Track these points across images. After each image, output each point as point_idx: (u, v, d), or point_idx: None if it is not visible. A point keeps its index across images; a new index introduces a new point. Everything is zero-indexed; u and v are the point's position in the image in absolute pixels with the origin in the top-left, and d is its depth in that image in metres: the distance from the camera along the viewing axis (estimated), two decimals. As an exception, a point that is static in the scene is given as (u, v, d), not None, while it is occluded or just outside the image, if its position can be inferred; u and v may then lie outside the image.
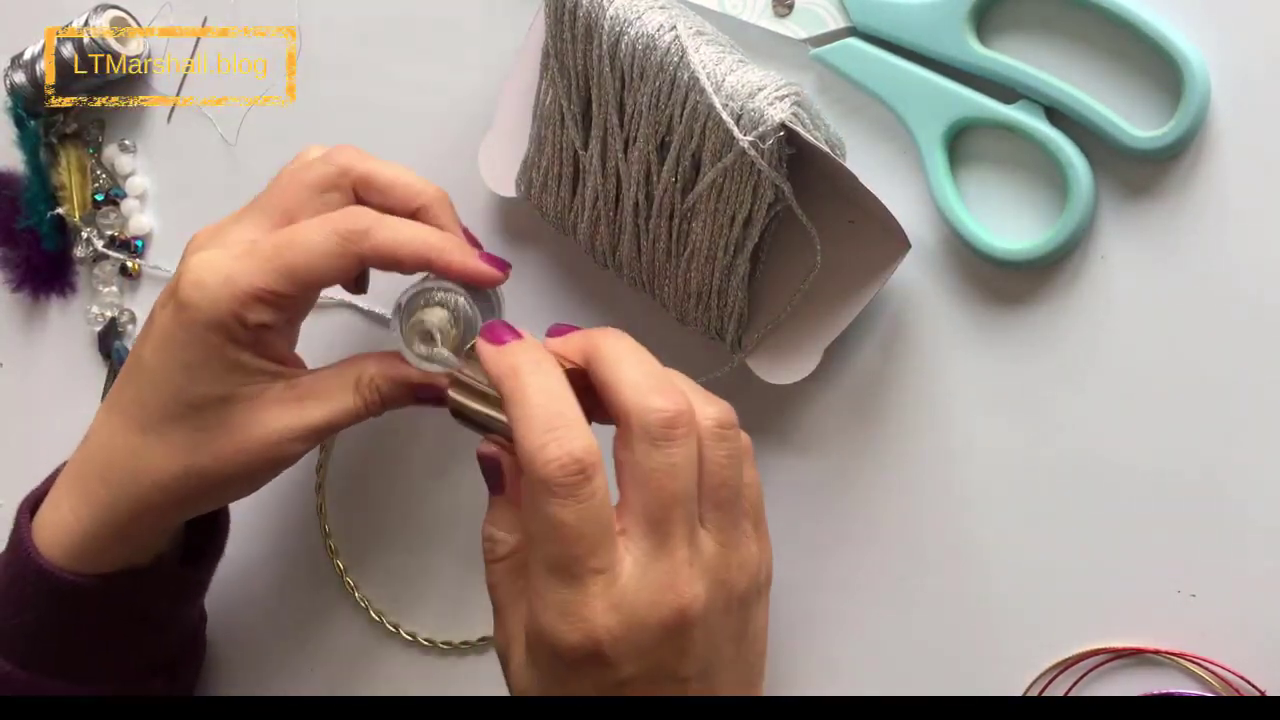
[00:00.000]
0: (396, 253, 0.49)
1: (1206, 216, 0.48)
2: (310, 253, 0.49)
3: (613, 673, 0.42)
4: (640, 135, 0.49)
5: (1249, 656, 0.48)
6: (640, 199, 0.51)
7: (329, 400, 0.51)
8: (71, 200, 0.65)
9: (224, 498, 0.54)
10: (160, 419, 0.50)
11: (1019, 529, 0.51)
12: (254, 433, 0.50)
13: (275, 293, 0.48)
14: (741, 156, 0.47)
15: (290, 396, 0.50)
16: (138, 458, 0.50)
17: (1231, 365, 0.48)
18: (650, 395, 0.43)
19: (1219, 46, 0.47)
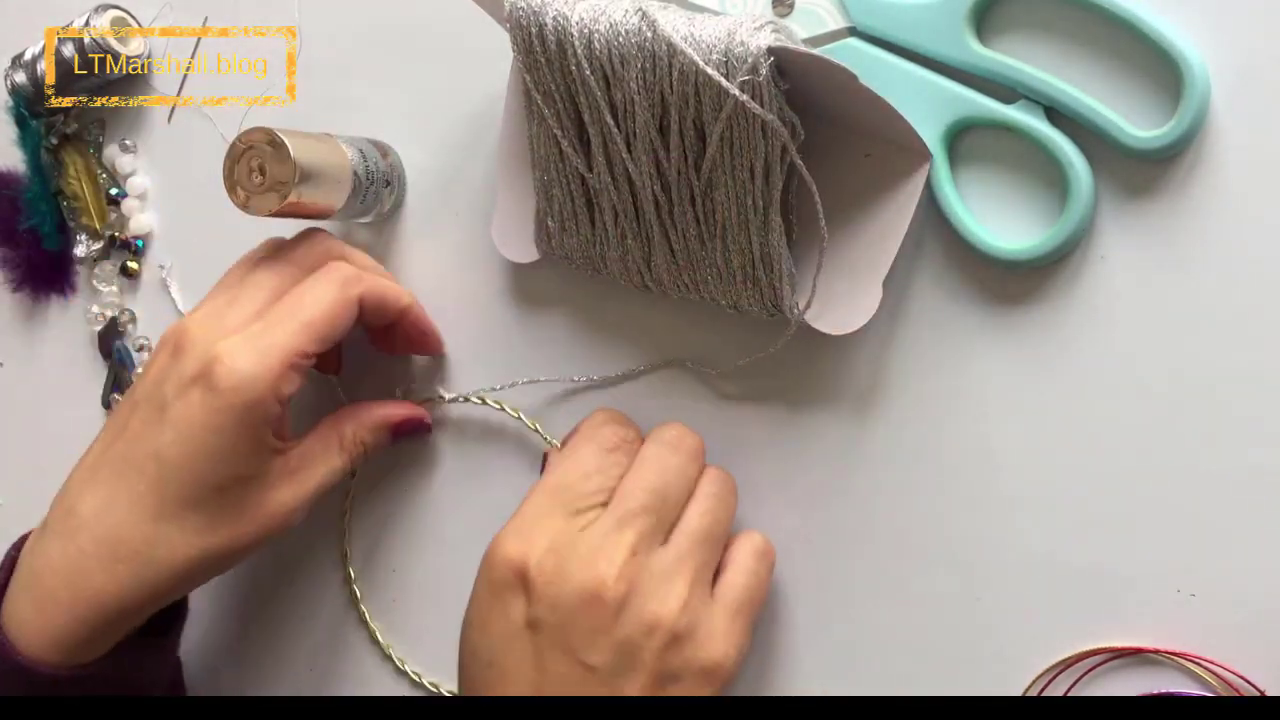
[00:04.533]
0: (384, 295, 0.54)
1: (1206, 216, 0.48)
2: (322, 305, 0.51)
3: (528, 605, 0.46)
4: (639, 125, 0.49)
5: (1249, 656, 0.48)
6: (657, 192, 0.50)
7: (320, 465, 0.53)
8: (89, 211, 0.66)
9: (225, 570, 0.53)
10: (179, 506, 0.49)
11: (1018, 528, 0.51)
12: (266, 509, 0.51)
13: (307, 354, 0.50)
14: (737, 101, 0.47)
15: (290, 469, 0.52)
16: (152, 546, 0.49)
17: (1232, 365, 0.48)
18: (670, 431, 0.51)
19: (1219, 46, 0.47)
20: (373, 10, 0.60)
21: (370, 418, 0.56)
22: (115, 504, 0.50)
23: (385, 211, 0.60)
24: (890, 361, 0.53)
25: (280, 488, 0.52)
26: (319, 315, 0.51)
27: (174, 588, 0.51)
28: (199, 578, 0.51)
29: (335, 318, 0.51)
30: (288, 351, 0.49)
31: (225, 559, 0.51)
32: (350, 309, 0.52)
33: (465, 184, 0.59)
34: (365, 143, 0.58)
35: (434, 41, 0.59)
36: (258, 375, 0.49)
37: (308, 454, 0.53)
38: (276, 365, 0.49)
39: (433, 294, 0.60)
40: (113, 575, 0.49)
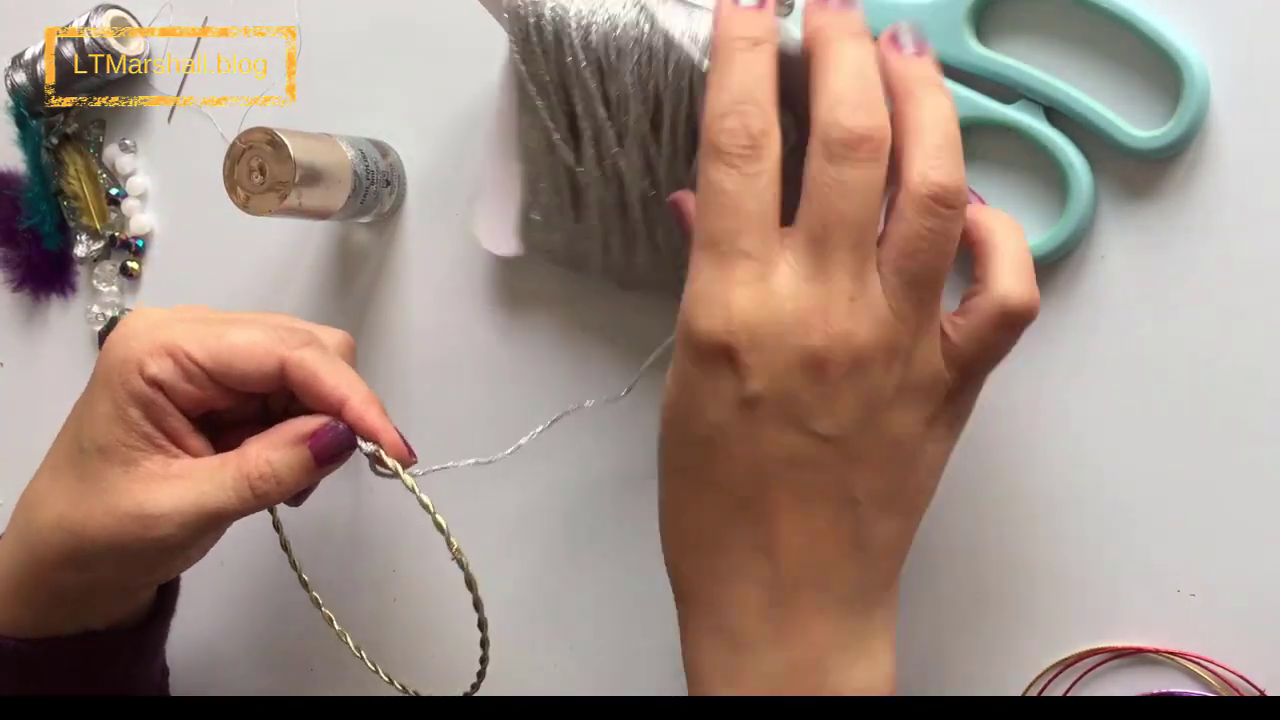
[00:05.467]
0: (319, 376, 0.48)
1: (1206, 216, 0.48)
2: (245, 337, 0.48)
3: (741, 381, 0.40)
4: (631, 119, 0.49)
5: (1249, 656, 0.48)
6: (645, 188, 0.50)
7: (205, 481, 0.48)
8: (89, 211, 0.66)
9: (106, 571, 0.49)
10: (56, 460, 0.49)
11: (1019, 528, 0.51)
12: (120, 500, 0.47)
13: (193, 358, 0.47)
14: None
15: (163, 472, 0.48)
16: (35, 500, 0.49)
17: (1231, 364, 0.48)
18: (843, 109, 0.40)
19: (1219, 46, 0.47)
20: (373, 10, 0.60)
21: (278, 434, 0.48)
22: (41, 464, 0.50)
23: (385, 211, 0.60)
24: (890, 361, 0.53)
25: (150, 486, 0.47)
26: (227, 344, 0.48)
27: (48, 558, 0.48)
28: (70, 559, 0.48)
29: (242, 357, 0.48)
30: (175, 340, 0.47)
31: (89, 548, 0.47)
32: (266, 362, 0.48)
33: (465, 184, 0.59)
34: (365, 143, 0.58)
35: (434, 41, 0.59)
36: (131, 337, 0.47)
37: (196, 466, 0.48)
38: (156, 343, 0.47)
39: (433, 294, 0.60)
40: (11, 532, 0.50)
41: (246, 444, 0.48)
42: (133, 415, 0.47)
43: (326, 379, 0.48)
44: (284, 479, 0.48)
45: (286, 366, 0.48)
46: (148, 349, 0.47)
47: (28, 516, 0.49)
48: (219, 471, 0.48)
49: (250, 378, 0.48)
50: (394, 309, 0.61)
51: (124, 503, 0.47)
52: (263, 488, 0.48)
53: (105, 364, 0.48)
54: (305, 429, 0.48)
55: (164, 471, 0.48)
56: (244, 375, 0.48)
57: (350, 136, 0.57)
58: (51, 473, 0.49)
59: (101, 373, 0.48)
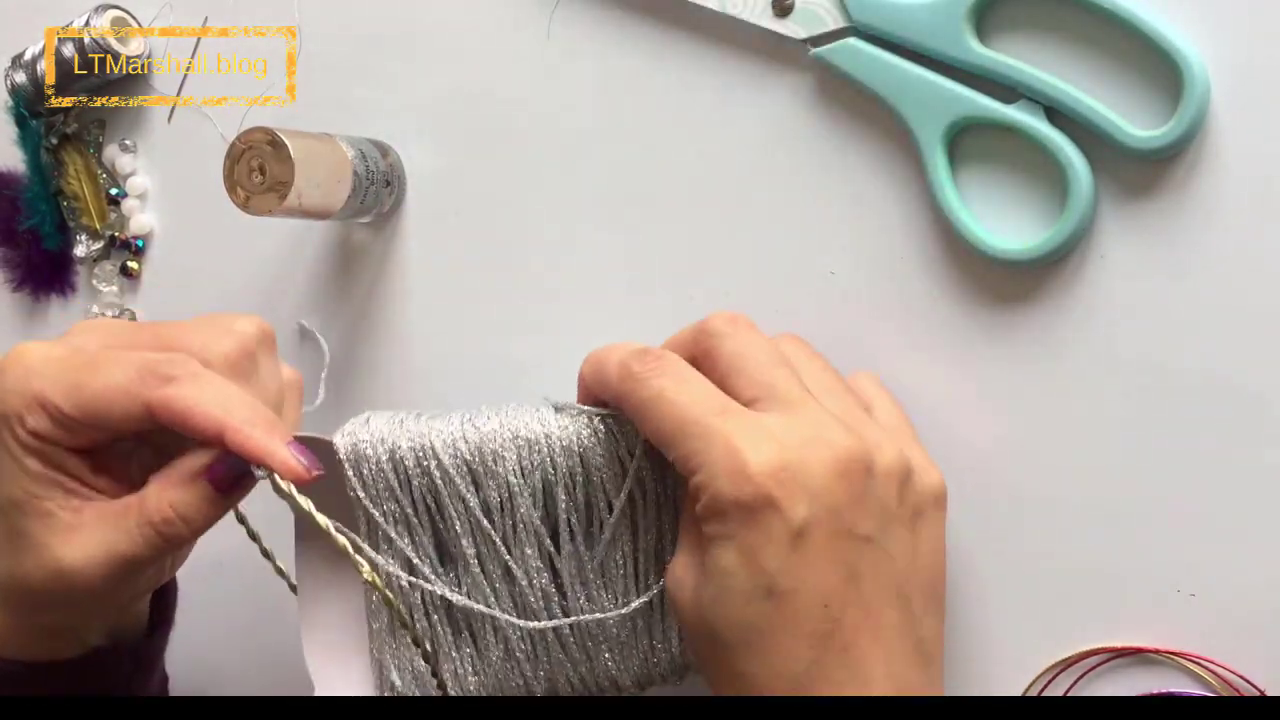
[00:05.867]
0: (188, 412, 0.44)
1: (1206, 216, 0.48)
2: (105, 382, 0.45)
3: (787, 515, 0.41)
4: (520, 517, 0.48)
5: (1249, 656, 0.48)
6: (546, 583, 0.49)
7: (110, 529, 0.45)
8: (89, 211, 0.66)
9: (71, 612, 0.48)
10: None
11: (1018, 528, 0.51)
12: (42, 556, 0.45)
13: (60, 410, 0.45)
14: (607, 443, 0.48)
15: (75, 521, 0.46)
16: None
17: (1231, 365, 0.48)
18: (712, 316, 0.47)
19: (1219, 46, 0.47)
20: (373, 10, 0.60)
21: (174, 472, 0.46)
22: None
23: (385, 211, 0.60)
24: (890, 361, 0.53)
25: (65, 539, 0.45)
26: (91, 389, 0.45)
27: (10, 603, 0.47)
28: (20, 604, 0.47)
29: (105, 403, 0.45)
30: (43, 392, 0.45)
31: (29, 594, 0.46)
32: (130, 406, 0.45)
33: (465, 184, 0.59)
34: (365, 143, 0.58)
35: (434, 41, 0.59)
36: (9, 390, 0.45)
37: (102, 512, 0.46)
38: (29, 394, 0.45)
39: (433, 294, 0.60)
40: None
41: (149, 483, 0.46)
42: (30, 466, 0.45)
43: (196, 414, 0.44)
44: (191, 518, 0.46)
45: (152, 409, 0.44)
46: (22, 403, 0.45)
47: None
48: (123, 519, 0.45)
49: (123, 423, 0.45)
50: (394, 309, 0.60)
51: (46, 559, 0.45)
52: (169, 531, 0.45)
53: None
54: (198, 464, 0.45)
55: (76, 520, 0.46)
56: (116, 421, 0.45)
57: (350, 136, 0.57)
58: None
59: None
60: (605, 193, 0.57)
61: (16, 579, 0.47)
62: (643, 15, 0.55)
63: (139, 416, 0.45)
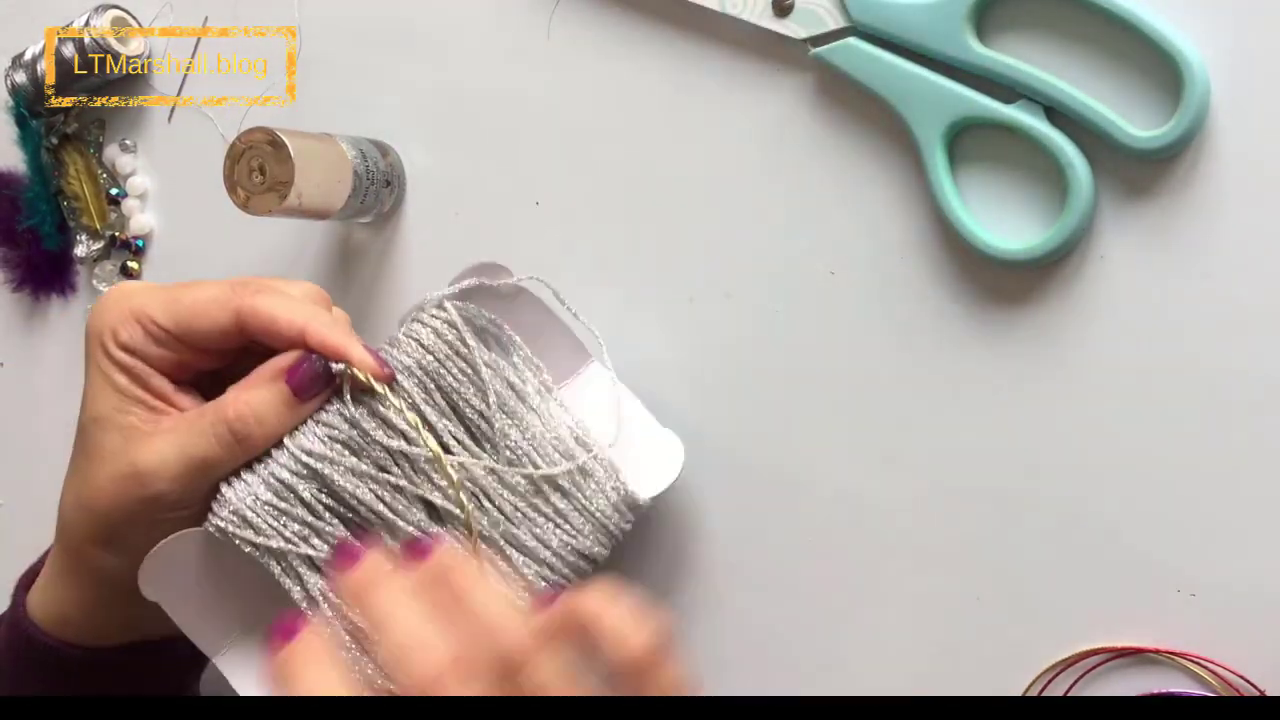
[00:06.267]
0: (273, 315, 0.48)
1: (1206, 216, 0.48)
2: (198, 295, 0.48)
3: None
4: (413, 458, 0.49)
5: (1249, 656, 0.48)
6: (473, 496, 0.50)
7: (182, 435, 0.47)
8: (89, 211, 0.66)
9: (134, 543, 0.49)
10: (74, 451, 0.49)
11: (1019, 528, 0.51)
12: (118, 464, 0.47)
13: (155, 321, 0.48)
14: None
15: (150, 428, 0.48)
16: (60, 498, 0.50)
17: (1231, 364, 0.48)
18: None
19: (1219, 46, 0.47)
20: (373, 10, 0.60)
21: (254, 375, 0.48)
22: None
23: (385, 211, 0.60)
24: (890, 361, 0.53)
25: (140, 445, 0.47)
26: (186, 302, 0.48)
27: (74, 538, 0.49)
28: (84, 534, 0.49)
29: (201, 314, 0.48)
30: (141, 306, 0.48)
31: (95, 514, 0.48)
32: (223, 316, 0.48)
33: (465, 184, 0.59)
34: (365, 143, 0.58)
35: (434, 41, 0.59)
36: (105, 309, 0.49)
37: (178, 420, 0.48)
38: (125, 310, 0.48)
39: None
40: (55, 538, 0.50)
41: (224, 398, 0.48)
42: (119, 381, 0.48)
43: (280, 316, 0.48)
44: (264, 417, 0.47)
45: (241, 315, 0.48)
46: (118, 318, 0.48)
47: (59, 512, 0.50)
48: (198, 421, 0.47)
49: (211, 333, 0.48)
50: (394, 309, 0.60)
51: (121, 465, 0.47)
52: (242, 429, 0.47)
53: (88, 339, 0.49)
54: (280, 364, 0.48)
55: (153, 429, 0.48)
56: (205, 332, 0.48)
57: (350, 136, 0.57)
58: (70, 463, 0.50)
59: (88, 349, 0.49)
60: (605, 192, 0.57)
61: (84, 499, 0.48)
62: (643, 15, 0.55)
63: (227, 326, 0.48)
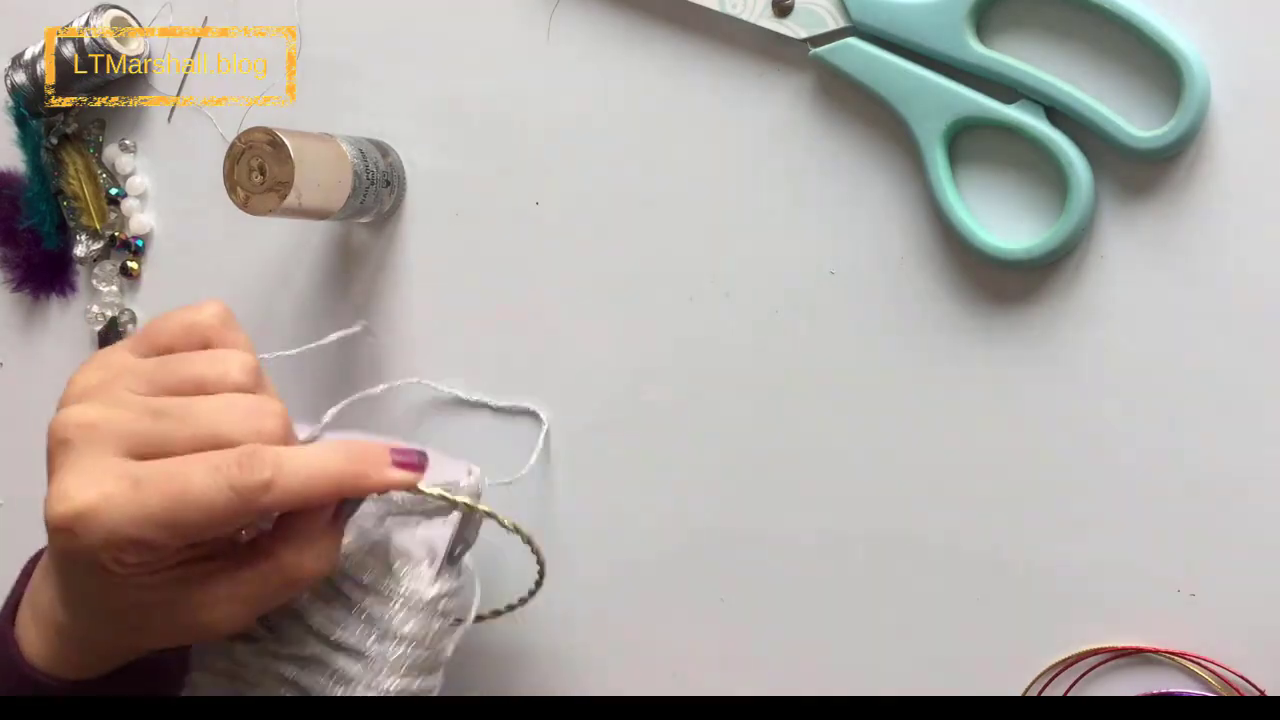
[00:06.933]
0: (307, 497, 0.44)
1: (1206, 216, 0.48)
2: (201, 510, 0.42)
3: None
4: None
5: (1249, 656, 0.48)
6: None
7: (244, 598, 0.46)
8: (89, 211, 0.66)
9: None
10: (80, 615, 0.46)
11: (1018, 528, 0.51)
12: (177, 619, 0.45)
13: (158, 545, 0.43)
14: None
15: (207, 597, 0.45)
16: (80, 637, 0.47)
17: (1231, 364, 0.48)
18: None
19: (1219, 46, 0.47)
20: (373, 10, 0.60)
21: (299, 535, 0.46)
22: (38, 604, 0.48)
23: (385, 211, 0.60)
24: (890, 361, 0.53)
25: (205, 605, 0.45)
26: (189, 520, 0.43)
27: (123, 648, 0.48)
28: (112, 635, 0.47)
29: (209, 526, 0.43)
30: (133, 538, 0.43)
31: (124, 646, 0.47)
32: (239, 520, 0.44)
33: (465, 184, 0.59)
34: (365, 143, 0.58)
35: (434, 41, 0.59)
36: (92, 546, 0.43)
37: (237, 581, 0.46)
38: (119, 542, 0.43)
39: (433, 294, 0.60)
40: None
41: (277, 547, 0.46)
42: (145, 582, 0.45)
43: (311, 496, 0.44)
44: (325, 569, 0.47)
45: (263, 514, 0.45)
46: (113, 555, 0.43)
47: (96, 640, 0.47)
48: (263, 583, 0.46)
49: (229, 531, 0.46)
50: (394, 309, 0.60)
51: (186, 622, 0.46)
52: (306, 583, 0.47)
53: (76, 566, 0.45)
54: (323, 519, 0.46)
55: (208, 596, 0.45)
56: (223, 533, 0.45)
57: (350, 136, 0.57)
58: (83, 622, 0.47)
59: (78, 568, 0.45)
60: (605, 192, 0.57)
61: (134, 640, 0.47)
62: (643, 15, 0.55)
63: (247, 522, 0.46)
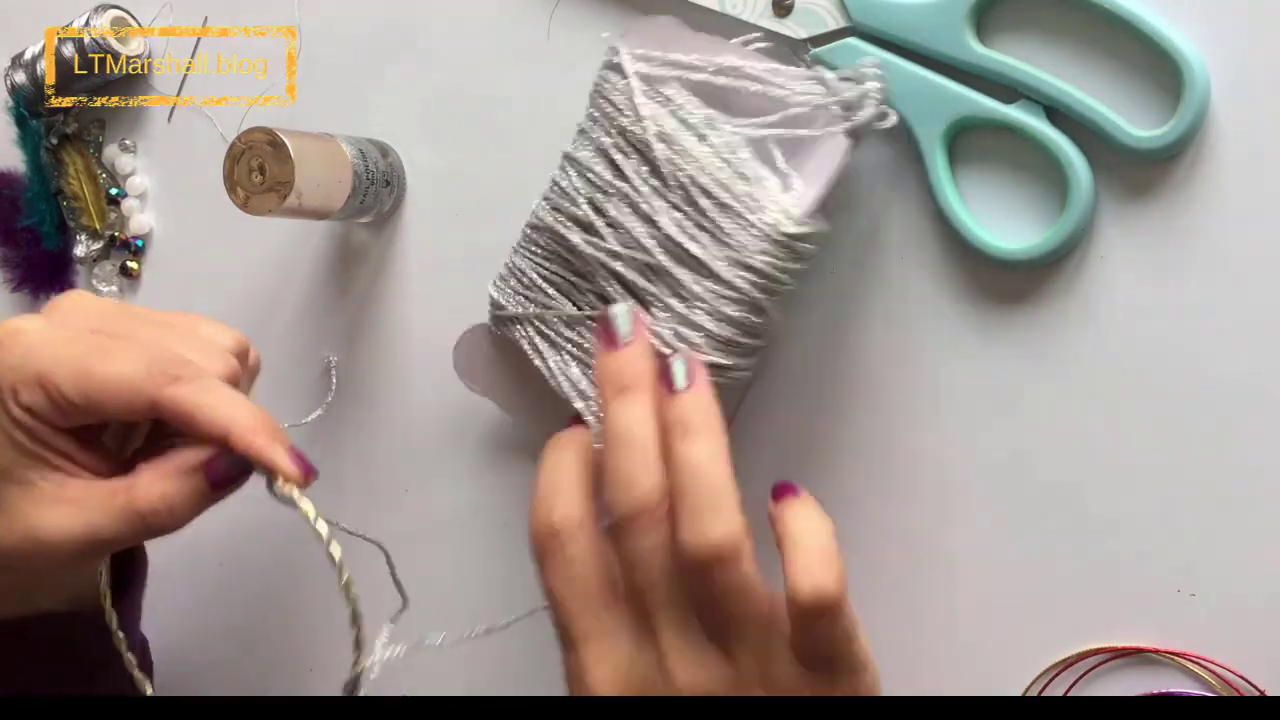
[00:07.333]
0: (193, 414, 0.45)
1: (1206, 216, 0.48)
2: (112, 372, 0.45)
3: None
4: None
5: (1249, 656, 0.48)
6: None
7: (96, 509, 0.46)
8: (89, 211, 0.66)
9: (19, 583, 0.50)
10: None
11: (1018, 528, 0.51)
12: (13, 519, 0.46)
13: (62, 392, 0.45)
14: None
15: (57, 494, 0.46)
16: None
17: (1231, 364, 0.48)
18: (615, 490, 0.43)
19: (1219, 46, 0.47)
20: (373, 10, 0.60)
21: (170, 464, 0.46)
22: None
23: (385, 211, 0.60)
24: (890, 361, 0.53)
25: (43, 510, 0.46)
26: (98, 378, 0.45)
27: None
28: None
29: (111, 395, 0.45)
30: (46, 371, 0.45)
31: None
32: (135, 401, 0.45)
33: (465, 184, 0.59)
34: (365, 143, 0.58)
35: (434, 41, 0.59)
36: (6, 365, 0.45)
37: (92, 491, 0.46)
38: (29, 372, 0.45)
39: (433, 294, 0.60)
40: None
41: (138, 471, 0.47)
42: (18, 438, 0.46)
43: (202, 416, 0.45)
44: (177, 509, 0.46)
45: (157, 406, 0.45)
46: (20, 377, 0.45)
47: None
48: (109, 500, 0.46)
49: (122, 414, 0.46)
50: (394, 309, 0.61)
51: (18, 523, 0.46)
52: (155, 521, 0.46)
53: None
54: (198, 458, 0.46)
55: (57, 493, 0.46)
56: (114, 412, 0.46)
57: (350, 136, 0.57)
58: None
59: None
60: (605, 193, 0.56)
61: None
62: (643, 15, 0.55)
63: (141, 410, 0.46)
